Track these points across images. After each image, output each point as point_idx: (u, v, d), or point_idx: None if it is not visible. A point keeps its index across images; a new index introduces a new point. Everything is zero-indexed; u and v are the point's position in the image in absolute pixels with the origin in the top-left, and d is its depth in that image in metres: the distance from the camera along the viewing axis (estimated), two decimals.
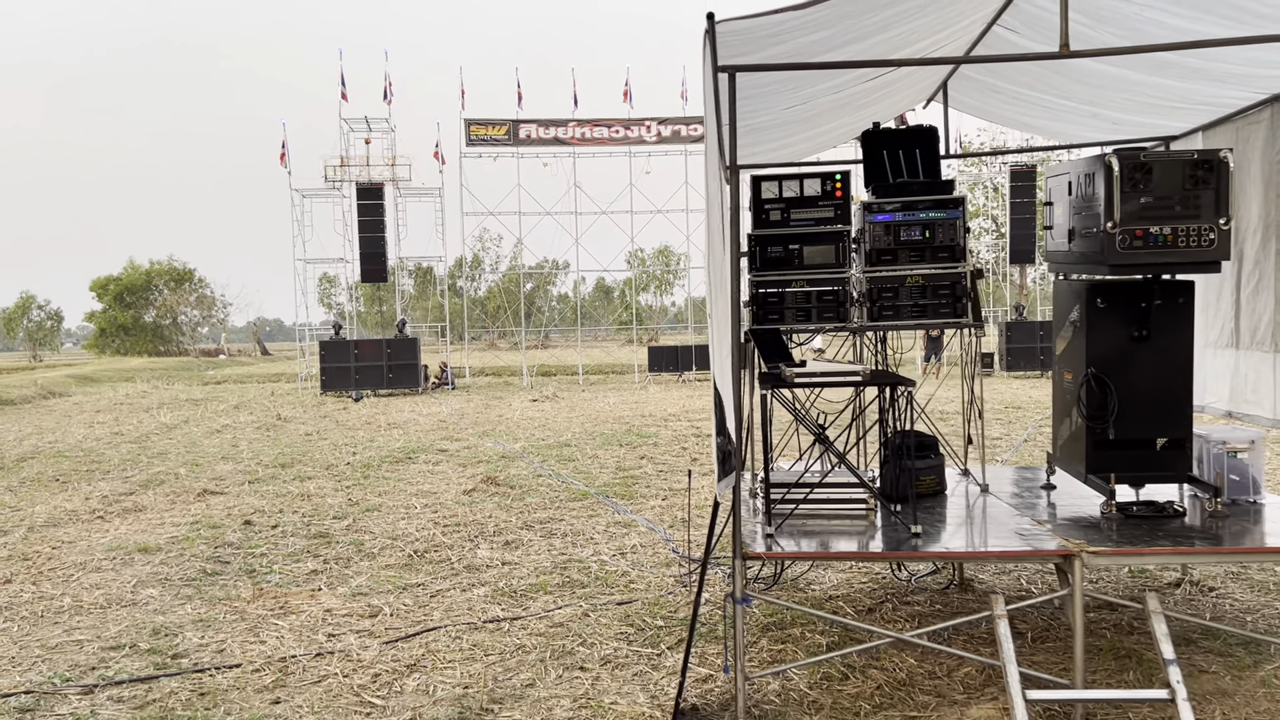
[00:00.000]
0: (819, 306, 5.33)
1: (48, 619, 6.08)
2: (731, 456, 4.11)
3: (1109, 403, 4.76)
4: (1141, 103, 5.55)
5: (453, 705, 4.52)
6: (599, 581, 6.64)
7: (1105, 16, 4.51)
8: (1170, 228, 4.44)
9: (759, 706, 4.40)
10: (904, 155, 5.63)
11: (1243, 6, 4.03)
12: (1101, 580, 6.22)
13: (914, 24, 4.30)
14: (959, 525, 4.77)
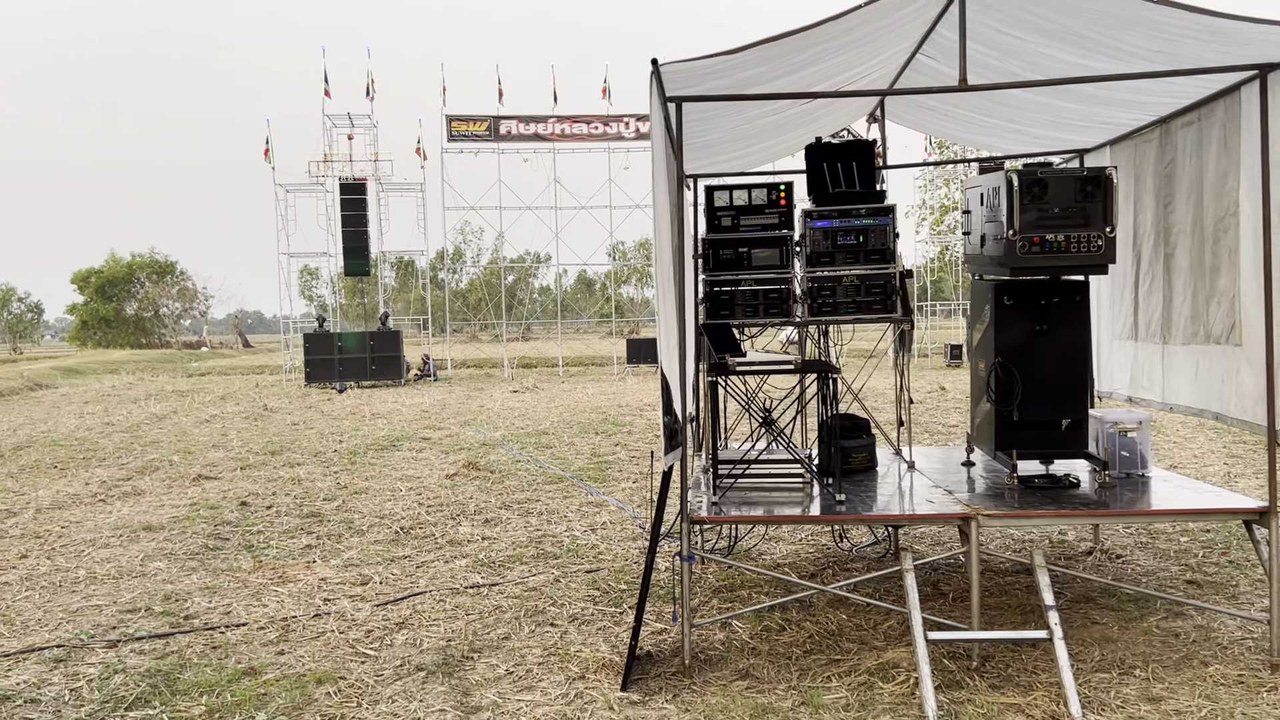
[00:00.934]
0: (765, 303, 5.97)
1: (65, 588, 6.66)
2: (678, 434, 4.74)
3: (1014, 388, 5.43)
4: (1055, 121, 6.20)
5: (437, 654, 5.15)
6: (570, 553, 7.27)
7: (1008, 50, 5.16)
8: (1064, 235, 5.11)
9: (705, 653, 5.04)
10: (842, 167, 6.26)
11: (1117, 46, 4.68)
12: (1023, 548, 6.90)
13: (838, 58, 4.93)
14: (882, 495, 5.42)
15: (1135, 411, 5.73)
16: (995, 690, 4.44)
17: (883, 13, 4.44)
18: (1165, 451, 11.12)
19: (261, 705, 4.53)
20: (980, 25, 4.89)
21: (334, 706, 4.51)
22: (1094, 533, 6.90)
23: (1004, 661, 4.78)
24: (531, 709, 4.41)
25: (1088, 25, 4.51)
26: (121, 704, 4.57)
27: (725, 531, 7.00)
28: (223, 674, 4.93)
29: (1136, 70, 4.77)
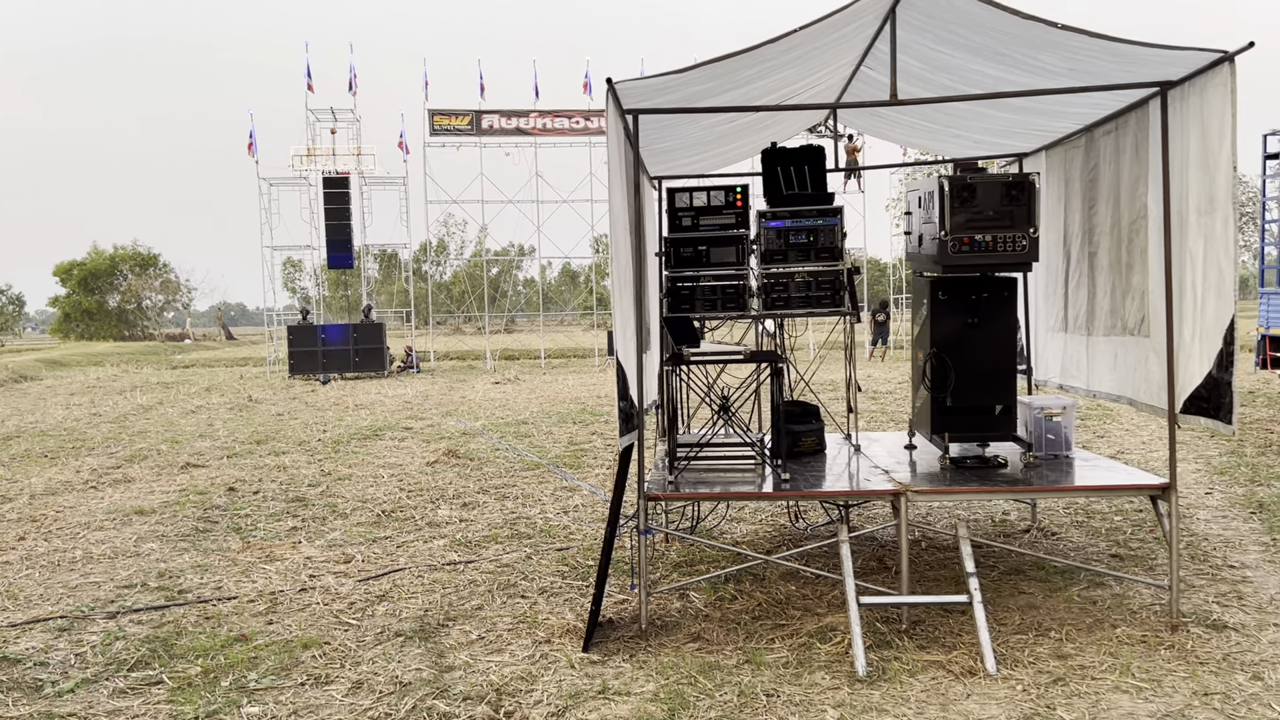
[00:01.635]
0: (723, 298, 6.40)
1: (64, 567, 7.05)
2: (633, 417, 5.18)
3: (948, 377, 5.89)
4: (992, 128, 6.65)
5: (415, 622, 5.58)
6: (543, 533, 7.70)
7: (940, 65, 5.60)
8: (991, 235, 5.57)
9: (661, 619, 5.49)
10: (795, 171, 6.69)
11: (1036, 65, 5.13)
12: (954, 521, 7.37)
13: (783, 73, 5.36)
14: (825, 475, 5.88)
15: (1059, 398, 6.19)
16: (921, 650, 4.90)
17: (820, 34, 4.87)
18: (1116, 438, 11.64)
19: (253, 666, 4.95)
20: (913, 43, 5.33)
21: (320, 667, 4.93)
22: (1031, 512, 7.38)
23: (932, 625, 5.24)
24: (500, 668, 4.84)
25: (1004, 46, 4.96)
26: (124, 666, 4.98)
27: (688, 512, 7.45)
28: (216, 640, 5.34)
29: (1054, 86, 5.22)
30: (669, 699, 4.37)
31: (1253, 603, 5.49)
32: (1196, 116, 4.78)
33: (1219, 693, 4.32)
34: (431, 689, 4.60)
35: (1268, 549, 6.57)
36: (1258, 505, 7.81)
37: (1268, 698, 4.26)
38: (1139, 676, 4.51)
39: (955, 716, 4.16)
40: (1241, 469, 9.35)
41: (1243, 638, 4.97)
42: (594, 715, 4.26)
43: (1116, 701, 4.27)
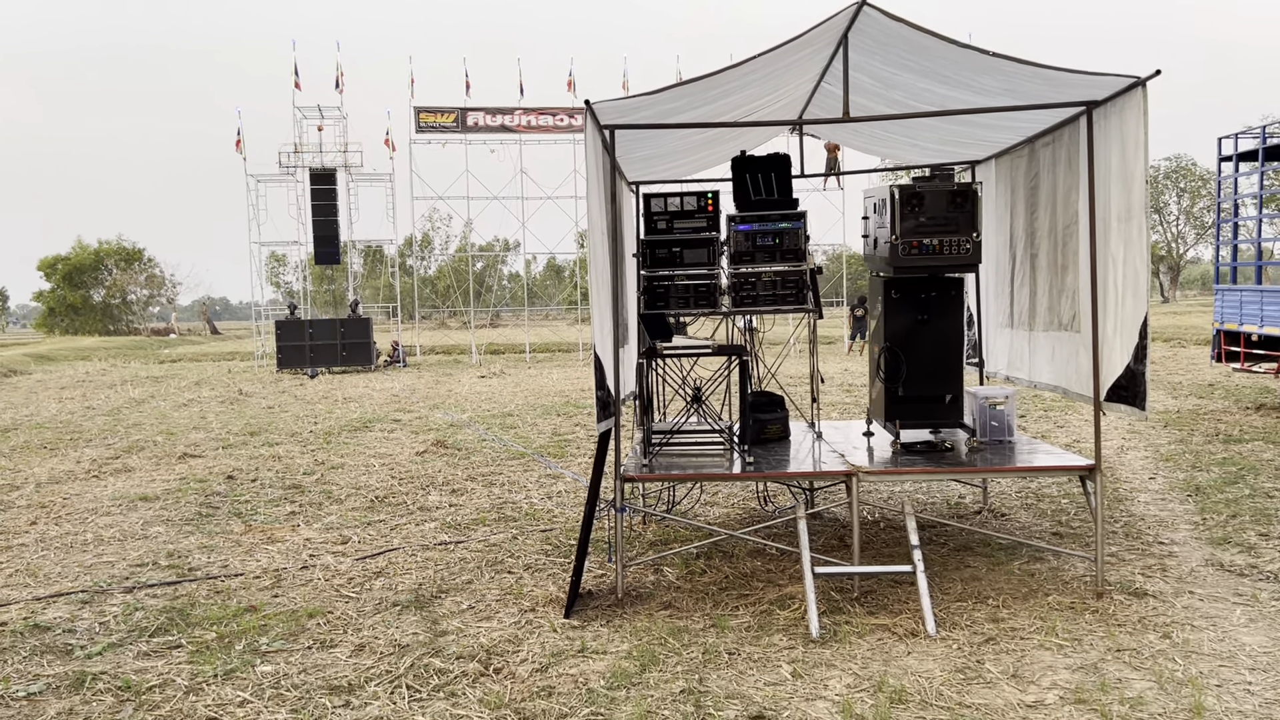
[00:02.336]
0: (696, 296, 6.89)
1: (77, 549, 7.50)
2: (610, 405, 5.68)
3: (900, 369, 6.41)
4: (946, 139, 7.17)
5: (410, 594, 6.07)
6: (528, 516, 8.20)
7: (892, 83, 6.11)
8: (938, 240, 6.09)
9: (637, 590, 5.99)
10: (763, 178, 7.18)
11: (976, 85, 5.64)
12: (925, 507, 7.90)
13: (747, 91, 5.86)
14: (787, 459, 6.39)
15: (1003, 389, 6.72)
16: (870, 615, 5.43)
17: (778, 59, 5.37)
18: (1075, 428, 12.21)
19: (263, 632, 5.43)
20: (866, 64, 5.84)
21: (324, 633, 5.42)
22: (983, 494, 7.92)
23: (882, 594, 5.77)
24: (489, 632, 5.34)
25: (946, 69, 5.47)
26: (145, 632, 5.46)
27: (664, 496, 7.95)
28: (228, 610, 5.82)
29: (994, 105, 5.74)
30: (641, 656, 4.88)
31: (1174, 574, 6.04)
32: (1117, 134, 5.31)
33: (1130, 649, 4.86)
34: (427, 649, 5.09)
35: (1197, 528, 7.13)
36: (1194, 489, 8.38)
37: (1172, 653, 4.80)
38: (1062, 636, 5.04)
39: (895, 670, 4.68)
40: (1186, 456, 9.93)
41: (1160, 603, 5.51)
42: (574, 670, 4.76)
43: (1040, 657, 4.80)
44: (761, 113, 6.59)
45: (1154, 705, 4.22)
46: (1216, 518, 7.37)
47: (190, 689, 4.67)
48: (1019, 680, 4.54)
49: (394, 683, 4.68)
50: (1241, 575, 5.99)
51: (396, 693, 4.56)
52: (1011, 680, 4.55)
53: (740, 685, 4.56)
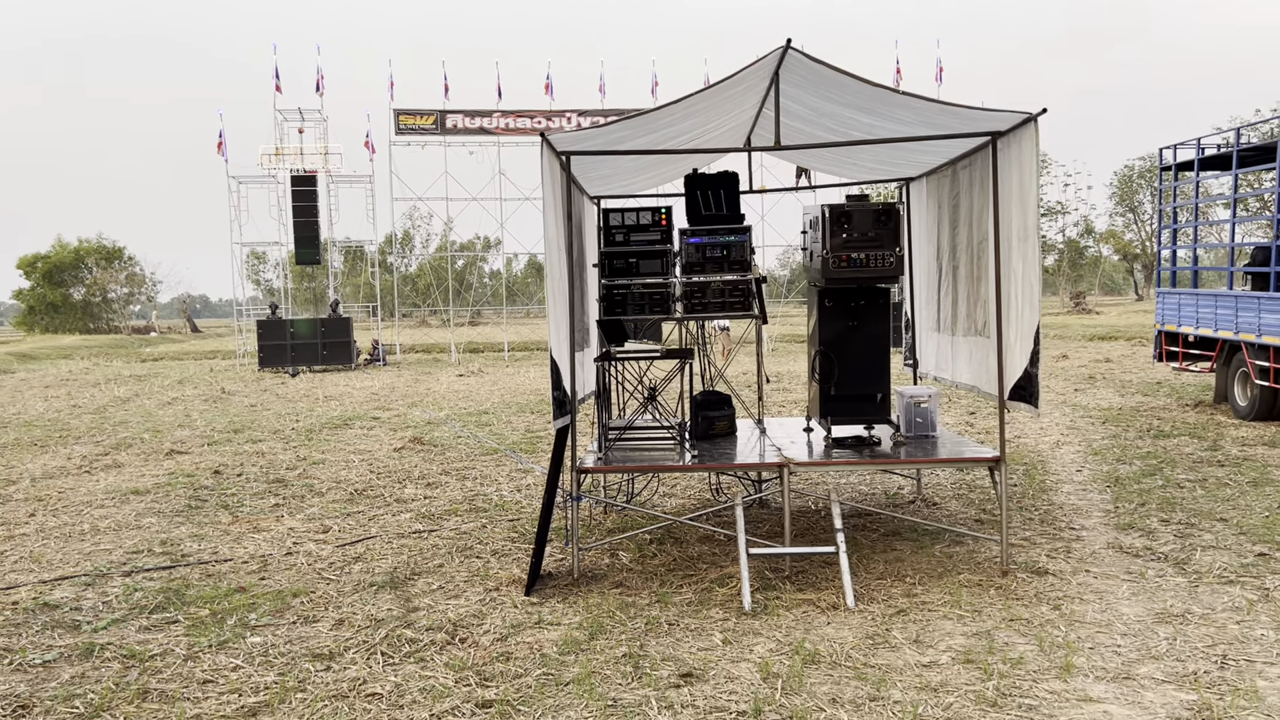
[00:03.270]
0: (650, 303, 7.50)
1: (75, 538, 8.05)
2: (566, 403, 6.29)
3: (833, 370, 7.05)
4: (881, 160, 7.81)
5: (385, 576, 6.67)
6: (498, 508, 8.80)
7: (823, 112, 6.74)
8: (865, 254, 6.73)
9: (592, 572, 6.61)
10: (713, 194, 7.80)
11: (895, 116, 6.28)
12: (864, 498, 8.56)
13: (692, 120, 6.47)
14: (731, 452, 7.02)
15: (928, 388, 7.37)
16: (799, 591, 6.07)
17: (717, 94, 5.99)
18: (1020, 424, 12.91)
19: (252, 609, 6.02)
20: (798, 95, 6.47)
21: (308, 610, 6.01)
22: (917, 485, 8.59)
23: (813, 573, 6.41)
24: (456, 609, 5.95)
25: (867, 102, 6.11)
26: (145, 610, 6.04)
27: (625, 487, 8.57)
28: (219, 591, 6.40)
29: (913, 134, 6.39)
30: (590, 626, 5.50)
31: (1076, 556, 6.71)
32: (1016, 161, 5.96)
33: (1022, 619, 5.51)
34: (400, 623, 5.70)
35: (1107, 515, 7.81)
36: (1114, 480, 9.07)
37: (1059, 622, 5.46)
38: (965, 608, 5.69)
39: (814, 637, 5.32)
40: (1114, 450, 10.64)
41: (1058, 580, 6.18)
42: (530, 639, 5.38)
43: (942, 626, 5.45)
44: (708, 137, 7.21)
45: (1031, 664, 4.88)
46: (1127, 506, 8.05)
47: (188, 657, 5.26)
48: (919, 645, 5.19)
49: (370, 650, 5.28)
50: (1136, 556, 6.66)
51: (372, 658, 5.17)
52: (913, 645, 5.19)
53: (676, 650, 5.18)
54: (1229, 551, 6.68)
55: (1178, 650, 5.01)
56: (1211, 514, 7.68)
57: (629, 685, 4.75)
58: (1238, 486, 8.62)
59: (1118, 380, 18.22)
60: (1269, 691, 4.49)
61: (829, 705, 4.46)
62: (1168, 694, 4.51)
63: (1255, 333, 11.96)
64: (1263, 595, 5.79)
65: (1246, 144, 12.75)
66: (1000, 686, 4.60)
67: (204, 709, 4.58)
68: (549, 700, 4.60)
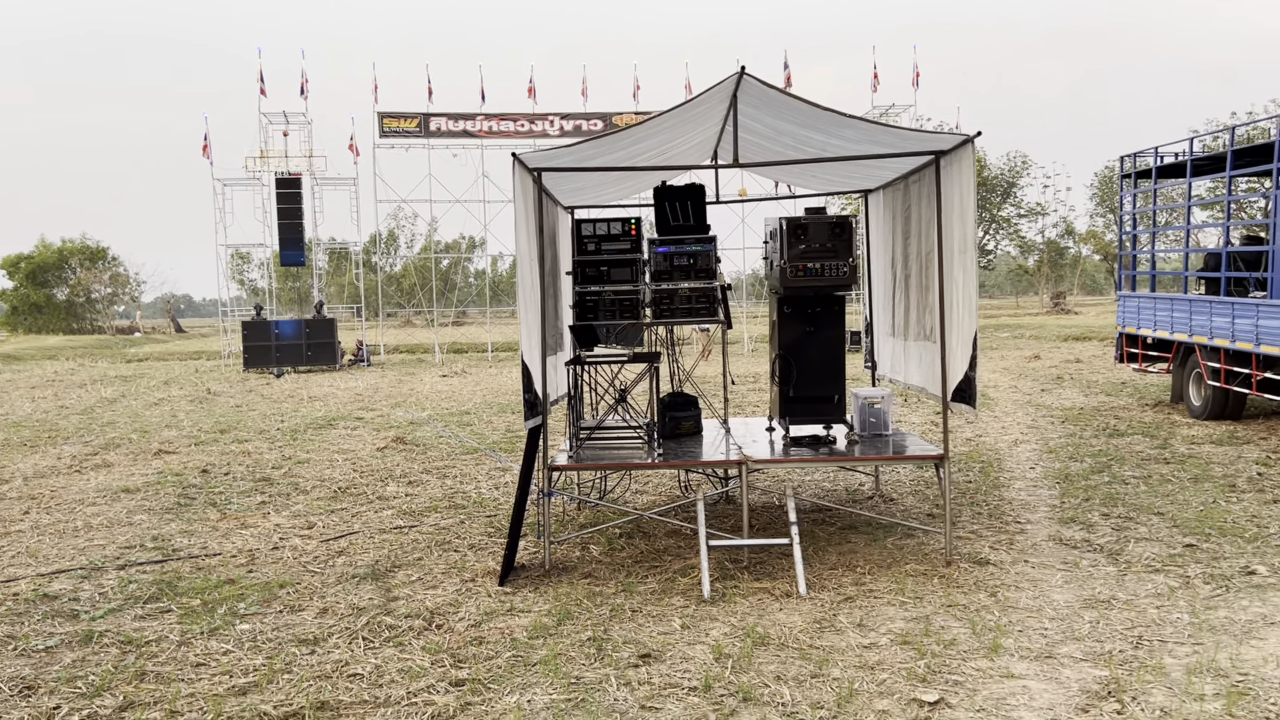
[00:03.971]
0: (621, 309, 7.90)
1: (69, 534, 8.39)
2: (537, 405, 6.68)
3: (791, 374, 7.47)
4: (840, 173, 8.23)
5: (367, 569, 7.05)
6: (476, 504, 9.18)
7: (781, 130, 7.15)
8: (820, 263, 7.14)
9: (564, 564, 7.01)
10: (680, 206, 8.21)
11: (845, 135, 6.70)
12: (826, 494, 8.98)
13: (658, 139, 6.87)
14: (695, 451, 7.43)
15: (882, 389, 7.79)
16: (755, 581, 6.48)
17: (679, 115, 6.39)
18: (983, 423, 13.37)
19: (241, 599, 6.39)
20: (757, 114, 6.88)
21: (293, 600, 6.39)
22: (875, 481, 9.02)
23: (770, 564, 6.82)
24: (434, 598, 6.33)
25: (819, 123, 6.52)
26: (140, 600, 6.40)
27: (598, 484, 8.96)
28: (209, 583, 6.77)
29: (864, 152, 6.81)
30: (558, 613, 5.90)
31: (1018, 547, 7.14)
32: (957, 179, 6.39)
33: (960, 605, 5.94)
34: (381, 610, 6.09)
35: (1053, 510, 8.25)
36: (1064, 477, 9.52)
37: (994, 607, 5.89)
38: (908, 595, 6.11)
39: (766, 622, 5.73)
40: (1068, 448, 11.10)
41: (997, 570, 6.61)
42: (502, 625, 5.77)
43: (885, 611, 5.87)
44: (675, 152, 7.60)
45: (962, 645, 5.30)
46: (1072, 501, 8.50)
47: (181, 642, 5.63)
48: (862, 628, 5.61)
49: (352, 636, 5.67)
50: (1074, 548, 7.10)
51: (354, 643, 5.55)
52: (857, 628, 5.61)
53: (637, 634, 5.58)
54: (1160, 543, 7.13)
55: (1098, 632, 5.44)
56: (1150, 508, 8.14)
57: (592, 665, 5.15)
58: (1179, 483, 9.09)
59: (1084, 380, 18.72)
60: (1174, 668, 4.92)
61: (774, 682, 4.87)
62: (1083, 670, 4.94)
63: (1208, 335, 12.45)
64: (1184, 582, 6.24)
65: (1201, 153, 13.24)
66: (931, 664, 5.02)
67: (197, 689, 4.96)
68: (517, 679, 4.99)
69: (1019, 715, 4.46)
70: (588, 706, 4.65)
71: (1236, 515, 7.81)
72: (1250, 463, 9.88)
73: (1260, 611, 5.68)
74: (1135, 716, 4.40)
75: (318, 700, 4.76)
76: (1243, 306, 11.66)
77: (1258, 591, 6.02)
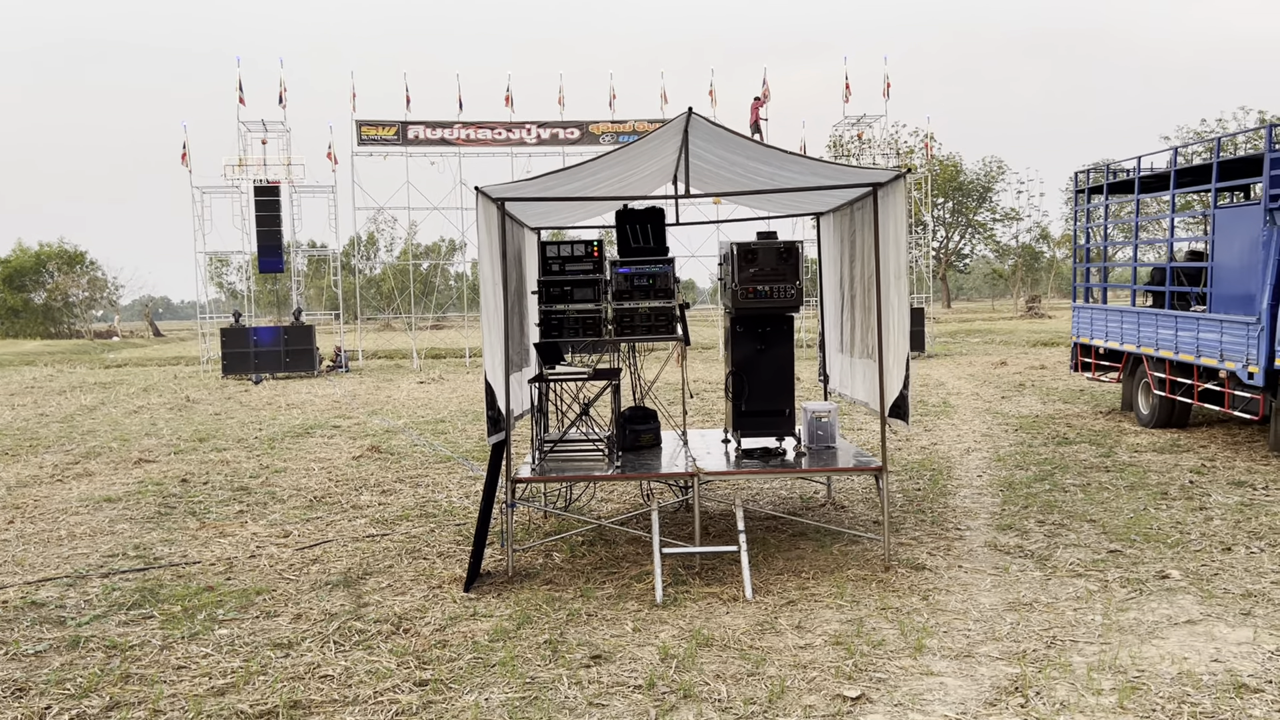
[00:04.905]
0: (584, 327, 8.31)
1: (53, 543, 8.73)
2: (500, 421, 7.08)
3: (743, 389, 7.90)
4: (793, 200, 8.66)
5: (340, 576, 7.43)
6: (447, 513, 9.57)
7: (732, 162, 7.59)
8: (769, 286, 7.58)
9: (527, 571, 7.41)
10: (641, 228, 8.62)
11: (790, 168, 7.15)
12: (783, 503, 9.41)
13: (615, 169, 7.29)
14: (652, 463, 7.84)
15: (829, 404, 8.24)
16: (706, 586, 6.90)
17: (635, 149, 6.81)
18: (940, 432, 13.85)
19: (220, 605, 6.76)
20: (708, 148, 7.31)
21: (269, 606, 6.76)
22: (828, 491, 9.47)
23: (722, 570, 7.25)
24: (402, 604, 6.72)
25: (764, 157, 6.96)
26: (123, 606, 6.76)
27: (564, 494, 9.36)
28: (190, 590, 7.13)
29: (808, 185, 7.25)
30: (518, 617, 6.31)
31: (955, 553, 7.59)
32: (893, 210, 6.84)
33: (893, 608, 6.38)
34: (351, 616, 6.47)
35: (993, 517, 8.72)
36: (1008, 485, 10.00)
37: (924, 610, 6.33)
38: (846, 599, 6.55)
39: (712, 625, 6.15)
40: (1016, 457, 11.59)
41: (932, 575, 7.05)
42: (465, 629, 6.17)
43: (822, 614, 6.30)
44: (633, 179, 8.02)
45: (890, 645, 5.74)
46: (1012, 509, 8.97)
47: (163, 647, 6.00)
48: (801, 630, 6.04)
49: (324, 640, 6.05)
50: (1006, 554, 7.56)
51: (325, 646, 5.94)
52: (795, 630, 6.04)
53: (591, 637, 5.99)
54: (1087, 549, 7.60)
55: (1016, 633, 5.89)
56: (1084, 515, 8.62)
57: (546, 666, 5.55)
58: (1115, 490, 9.58)
59: (1045, 388, 19.26)
60: (1080, 665, 5.38)
61: (713, 680, 5.29)
62: (997, 668, 5.38)
63: (1154, 347, 12.98)
64: (1103, 586, 6.70)
65: (1147, 171, 13.78)
66: (858, 663, 5.46)
67: (179, 689, 5.34)
68: (476, 679, 5.39)
69: (933, 709, 4.90)
70: (540, 704, 5.06)
71: (1163, 522, 8.30)
72: (1185, 471, 10.39)
73: (1167, 613, 6.15)
74: (1037, 710, 4.84)
75: (291, 699, 5.15)
76: (1185, 320, 12.19)
77: (1168, 595, 6.49)
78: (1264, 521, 8.22)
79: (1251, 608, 6.20)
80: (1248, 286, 10.98)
